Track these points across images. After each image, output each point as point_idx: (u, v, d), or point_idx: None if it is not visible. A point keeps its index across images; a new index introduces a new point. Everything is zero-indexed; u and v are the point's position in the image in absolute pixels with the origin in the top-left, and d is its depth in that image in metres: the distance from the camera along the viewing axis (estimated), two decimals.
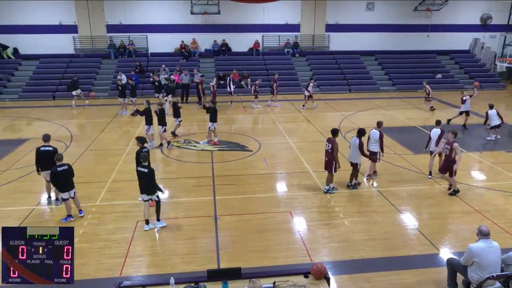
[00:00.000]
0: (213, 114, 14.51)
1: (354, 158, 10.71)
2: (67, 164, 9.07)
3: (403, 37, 29.28)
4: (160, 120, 13.93)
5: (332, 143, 10.23)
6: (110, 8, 26.55)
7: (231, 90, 21.93)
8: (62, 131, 16.67)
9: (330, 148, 10.26)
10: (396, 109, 20.88)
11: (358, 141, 10.53)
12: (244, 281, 5.28)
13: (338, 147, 10.29)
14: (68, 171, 9.00)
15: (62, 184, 8.96)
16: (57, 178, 8.89)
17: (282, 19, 28.20)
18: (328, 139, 10.41)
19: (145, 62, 26.44)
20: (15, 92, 23.86)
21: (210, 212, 9.61)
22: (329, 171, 10.53)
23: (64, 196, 9.01)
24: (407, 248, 8.17)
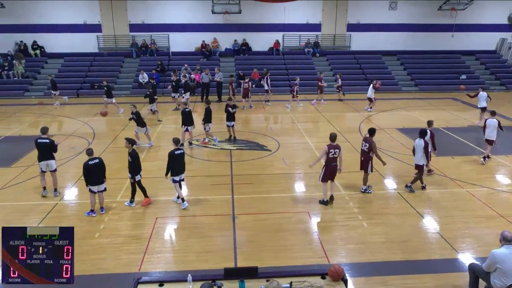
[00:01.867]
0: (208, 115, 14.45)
1: (419, 160, 10.53)
2: (98, 158, 9.29)
3: (427, 37, 28.70)
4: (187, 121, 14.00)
5: (369, 142, 10.16)
6: (133, 7, 26.97)
7: (269, 88, 21.85)
8: (85, 128, 17.03)
9: (367, 147, 10.19)
10: (418, 110, 20.50)
11: (423, 142, 10.37)
12: (261, 280, 5.28)
13: (376, 146, 10.20)
14: (99, 165, 9.22)
15: (93, 177, 9.15)
16: (89, 172, 9.07)
17: (303, 18, 28.06)
18: (365, 138, 10.37)
19: (166, 61, 26.74)
20: (41, 89, 24.51)
21: (227, 210, 9.65)
22: (365, 171, 10.44)
23: (94, 189, 9.20)
24: (427, 252, 8.01)
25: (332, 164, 9.83)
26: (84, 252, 7.92)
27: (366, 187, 10.66)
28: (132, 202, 9.80)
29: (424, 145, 10.38)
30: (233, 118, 14.92)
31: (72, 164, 12.54)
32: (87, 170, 9.06)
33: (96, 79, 25.24)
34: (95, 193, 9.28)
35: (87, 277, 7.20)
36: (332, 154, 9.75)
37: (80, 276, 7.17)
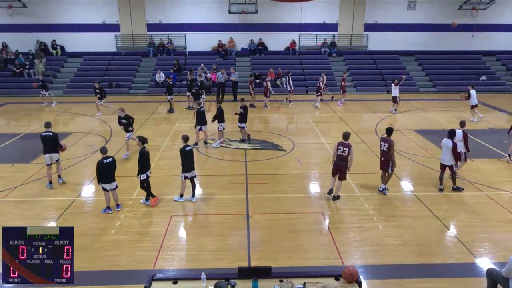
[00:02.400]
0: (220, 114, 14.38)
1: (448, 160, 10.43)
2: (112, 157, 9.42)
3: (446, 37, 28.20)
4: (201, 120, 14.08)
5: (388, 142, 10.10)
6: (151, 7, 27.26)
7: (291, 88, 21.81)
8: (103, 126, 17.29)
9: (386, 147, 10.14)
10: (436, 112, 20.17)
11: (451, 143, 10.26)
12: (274, 280, 5.27)
13: (394, 146, 10.13)
14: (113, 164, 9.36)
15: (106, 176, 9.27)
16: (103, 170, 9.19)
17: (319, 18, 27.91)
18: (384, 138, 10.32)
19: (183, 61, 26.93)
20: (60, 88, 24.98)
21: (242, 210, 9.67)
22: (385, 170, 10.37)
23: (106, 187, 9.34)
24: (444, 256, 7.88)
25: (340, 162, 9.91)
26: (100, 249, 8.05)
27: (384, 187, 10.56)
28: (148, 199, 9.90)
29: (452, 146, 10.21)
30: (244, 120, 14.75)
31: (89, 162, 12.73)
32: (102, 169, 9.17)
33: (114, 78, 25.67)
34: (108, 190, 9.40)
35: (103, 273, 7.32)
36: (340, 151, 9.85)
37: (96, 272, 7.32)
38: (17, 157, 13.73)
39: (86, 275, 7.23)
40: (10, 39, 27.14)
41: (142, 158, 9.62)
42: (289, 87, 21.77)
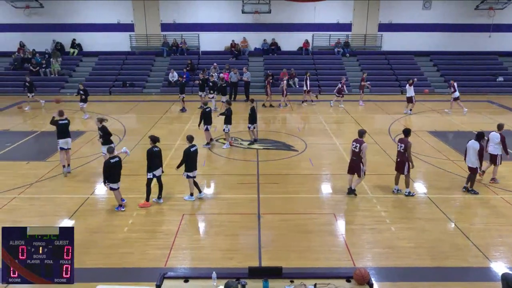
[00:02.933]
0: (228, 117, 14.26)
1: (473, 162, 10.33)
2: (118, 156, 9.49)
3: (462, 37, 27.80)
4: (207, 120, 14.14)
5: (405, 143, 10.04)
6: (165, 7, 27.47)
7: (308, 88, 21.76)
8: (116, 125, 17.47)
9: (402, 148, 10.08)
10: (451, 113, 19.87)
11: (479, 145, 10.16)
12: (285, 280, 5.26)
13: (411, 147, 10.08)
14: (120, 163, 9.45)
15: (115, 175, 9.36)
16: (111, 170, 9.28)
17: (333, 18, 27.77)
18: (401, 139, 10.25)
19: (196, 60, 27.07)
20: (75, 87, 25.26)
21: (253, 210, 9.68)
22: (401, 172, 10.32)
23: (114, 186, 9.42)
24: (457, 259, 7.76)
25: (353, 158, 10.12)
26: (113, 246, 8.14)
27: (398, 188, 10.51)
28: (160, 198, 9.98)
29: (479, 148, 10.10)
30: (252, 121, 14.65)
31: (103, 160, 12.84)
32: (109, 168, 9.22)
33: (128, 77, 25.95)
34: (117, 189, 9.48)
35: (115, 270, 7.40)
36: (353, 147, 10.09)
37: (109, 269, 7.41)
38: (33, 154, 13.98)
39: (99, 271, 7.33)
40: (27, 38, 27.64)
41: (148, 157, 9.63)
42: (306, 87, 21.69)
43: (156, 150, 9.70)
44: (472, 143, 10.26)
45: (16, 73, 26.35)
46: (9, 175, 11.83)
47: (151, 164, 9.67)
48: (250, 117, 14.59)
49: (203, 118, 14.10)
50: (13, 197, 10.34)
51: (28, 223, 9.00)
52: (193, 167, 10.01)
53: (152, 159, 9.67)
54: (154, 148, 9.68)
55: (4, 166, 12.59)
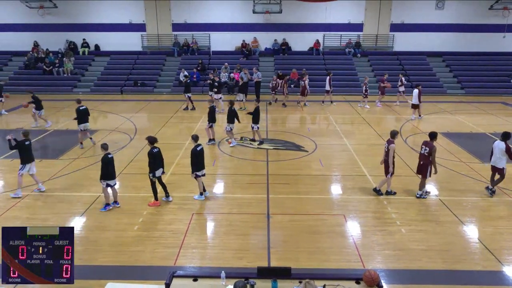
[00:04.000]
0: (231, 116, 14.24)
1: (499, 162, 10.21)
2: (111, 154, 9.55)
3: (476, 37, 27.45)
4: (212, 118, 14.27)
5: (430, 146, 9.93)
6: (176, 7, 27.63)
7: (331, 89, 21.68)
8: (127, 124, 17.62)
9: (427, 151, 9.97)
10: (464, 114, 19.64)
11: (505, 145, 10.03)
12: (294, 281, 5.24)
13: (436, 151, 9.97)
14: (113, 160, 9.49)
15: (112, 171, 9.43)
16: (108, 165, 9.33)
17: (344, 18, 27.63)
18: (425, 142, 10.15)
19: (206, 60, 27.16)
20: (87, 86, 25.64)
21: (263, 210, 9.67)
22: (423, 175, 10.20)
23: (111, 183, 9.47)
24: (469, 262, 7.66)
25: (384, 158, 10.23)
26: (123, 244, 8.20)
27: (422, 192, 10.37)
28: (168, 196, 10.04)
29: (506, 148, 9.96)
30: (255, 121, 14.58)
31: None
32: (107, 164, 9.27)
33: (139, 76, 26.16)
34: (112, 186, 9.55)
35: (126, 268, 7.46)
36: (385, 147, 10.25)
37: (119, 267, 7.47)
38: (46, 153, 14.16)
39: (109, 269, 7.40)
40: (41, 38, 28.06)
41: (149, 157, 9.62)
42: (328, 87, 21.58)
43: (155, 151, 9.69)
44: (498, 143, 10.15)
45: (29, 72, 26.76)
46: None
47: (152, 165, 9.63)
48: (254, 117, 14.60)
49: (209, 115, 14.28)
50: (26, 194, 10.49)
51: (40, 220, 9.14)
52: (201, 166, 10.04)
53: (153, 160, 9.63)
54: (153, 150, 9.66)
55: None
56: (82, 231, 8.77)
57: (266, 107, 20.84)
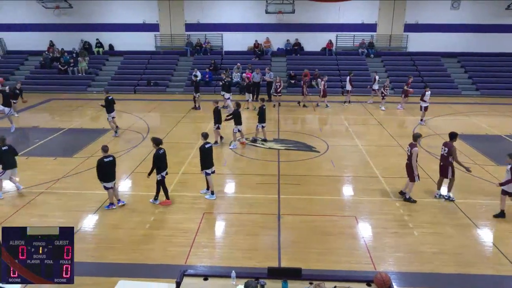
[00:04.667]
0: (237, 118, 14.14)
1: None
2: (112, 156, 9.52)
3: (492, 38, 26.98)
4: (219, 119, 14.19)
5: (449, 147, 9.86)
6: (189, 7, 27.76)
7: (350, 89, 21.60)
8: (140, 123, 17.78)
9: (446, 152, 9.92)
10: (479, 116, 19.35)
11: None
12: (304, 282, 5.23)
13: (456, 152, 9.88)
14: (113, 163, 9.46)
15: (107, 174, 9.37)
16: (102, 168, 9.28)
17: (358, 18, 27.43)
18: (445, 143, 10.09)
19: (219, 60, 27.24)
20: (101, 85, 25.90)
21: (273, 210, 9.66)
22: (445, 176, 10.13)
23: (108, 186, 9.49)
24: (483, 266, 7.54)
25: (407, 162, 10.08)
26: (135, 242, 8.28)
27: (440, 193, 10.31)
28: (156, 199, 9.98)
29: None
30: (261, 120, 14.63)
31: (126, 157, 13.13)
32: (102, 167, 9.25)
33: (153, 76, 26.37)
34: (110, 188, 9.54)
35: (137, 265, 7.53)
36: (407, 151, 10.12)
37: (130, 265, 7.55)
38: (60, 151, 14.37)
39: (121, 267, 7.48)
40: (57, 38, 28.49)
41: (153, 159, 9.61)
42: (349, 87, 21.44)
43: (161, 153, 9.69)
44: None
45: (45, 72, 27.19)
46: (38, 170, 12.21)
47: (159, 166, 9.63)
48: (260, 116, 14.57)
49: (214, 116, 14.19)
50: (41, 191, 10.66)
51: (54, 218, 9.28)
52: (210, 164, 10.09)
53: (160, 161, 9.63)
54: (159, 151, 9.66)
55: (32, 161, 12.99)
56: (94, 229, 8.88)
57: (278, 108, 20.80)
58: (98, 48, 28.54)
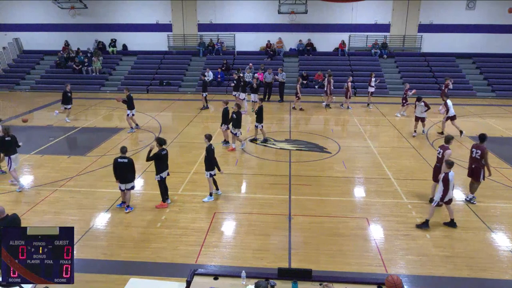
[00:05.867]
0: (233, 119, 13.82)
1: None
2: (127, 158, 9.38)
3: (508, 38, 26.50)
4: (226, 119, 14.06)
5: (482, 149, 9.81)
6: (202, 8, 27.88)
7: (373, 90, 21.42)
8: (152, 123, 17.92)
9: (478, 154, 9.86)
10: (494, 118, 19.03)
11: None
12: (314, 283, 5.22)
13: (488, 153, 9.83)
14: (127, 165, 9.31)
15: (120, 175, 9.35)
16: (116, 169, 9.30)
17: (371, 18, 27.22)
18: (476, 146, 10.05)
19: (231, 60, 27.31)
20: (115, 84, 26.21)
21: (284, 210, 9.65)
22: (476, 179, 10.05)
23: (121, 187, 9.48)
24: (497, 271, 7.42)
25: (437, 164, 9.99)
26: (146, 240, 8.36)
27: (472, 196, 10.20)
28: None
29: None
30: (259, 120, 14.56)
31: (138, 156, 13.24)
32: (114, 167, 9.29)
33: (165, 76, 26.56)
34: (123, 190, 9.53)
35: (148, 264, 7.60)
36: (438, 153, 9.99)
37: (142, 263, 7.61)
38: (74, 149, 14.58)
39: (132, 264, 7.55)
40: (72, 38, 28.90)
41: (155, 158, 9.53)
42: (371, 89, 21.26)
43: (163, 153, 9.60)
44: None
45: (60, 71, 27.59)
46: (52, 168, 12.40)
47: (158, 167, 9.58)
48: (258, 116, 14.56)
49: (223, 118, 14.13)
50: (55, 189, 10.83)
51: (67, 215, 9.41)
52: (213, 166, 10.05)
53: (161, 162, 9.57)
54: (162, 151, 9.57)
55: (47, 159, 13.20)
56: (106, 227, 8.98)
57: (290, 109, 20.74)
58: (112, 48, 28.87)
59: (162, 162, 9.62)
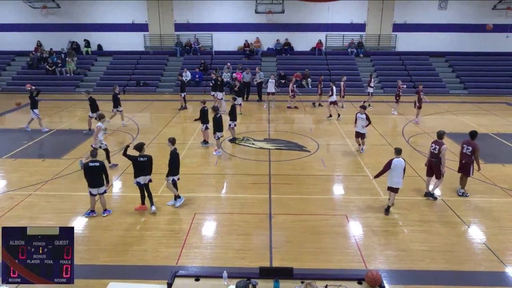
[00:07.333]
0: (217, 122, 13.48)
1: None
2: (99, 161, 9.14)
3: (479, 37, 27.35)
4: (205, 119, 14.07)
5: (473, 146, 10.15)
6: (179, 7, 27.65)
7: (372, 91, 21.59)
8: (130, 124, 17.65)
9: (470, 151, 10.20)
10: (467, 115, 19.59)
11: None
12: (296, 281, 5.25)
13: (479, 150, 10.16)
14: (99, 168, 9.04)
15: (91, 180, 9.09)
16: (87, 173, 9.03)
17: (347, 18, 27.60)
18: (467, 142, 10.39)
19: (209, 60, 27.18)
20: (90, 85, 25.65)
21: (265, 210, 9.67)
22: (466, 174, 10.39)
23: (93, 192, 9.21)
24: (472, 263, 7.64)
25: (432, 159, 10.28)
26: (126, 243, 8.23)
27: (464, 190, 10.54)
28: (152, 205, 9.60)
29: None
30: (232, 119, 14.64)
31: (116, 158, 13.01)
32: (85, 172, 9.02)
33: (142, 76, 26.20)
34: (95, 195, 9.27)
35: (129, 267, 7.48)
36: (432, 149, 10.25)
37: (122, 266, 7.49)
38: (49, 152, 14.20)
39: (112, 268, 7.42)
40: (44, 38, 28.16)
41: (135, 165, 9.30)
42: (370, 89, 21.42)
43: (141, 160, 9.27)
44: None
45: (33, 72, 26.84)
46: (26, 172, 12.05)
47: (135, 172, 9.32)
48: (230, 115, 14.60)
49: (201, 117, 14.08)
50: (29, 193, 10.53)
51: (44, 220, 9.16)
52: (178, 170, 9.80)
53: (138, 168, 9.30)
54: (140, 158, 9.28)
55: (20, 163, 12.82)
56: (84, 231, 8.79)
57: (268, 108, 20.76)
58: (87, 48, 28.27)
59: (139, 168, 9.28)
